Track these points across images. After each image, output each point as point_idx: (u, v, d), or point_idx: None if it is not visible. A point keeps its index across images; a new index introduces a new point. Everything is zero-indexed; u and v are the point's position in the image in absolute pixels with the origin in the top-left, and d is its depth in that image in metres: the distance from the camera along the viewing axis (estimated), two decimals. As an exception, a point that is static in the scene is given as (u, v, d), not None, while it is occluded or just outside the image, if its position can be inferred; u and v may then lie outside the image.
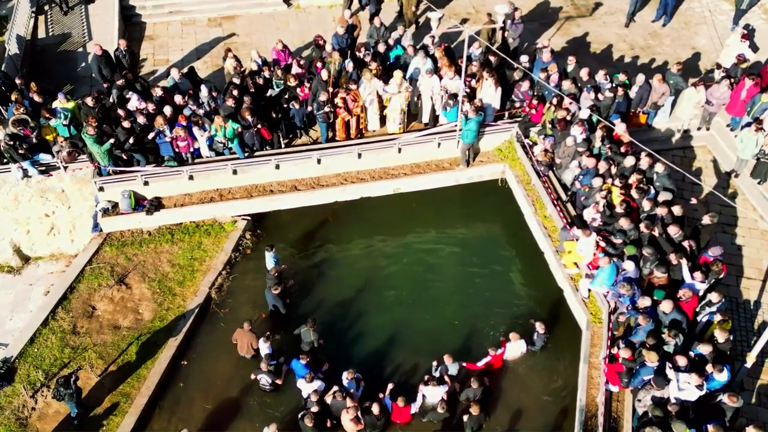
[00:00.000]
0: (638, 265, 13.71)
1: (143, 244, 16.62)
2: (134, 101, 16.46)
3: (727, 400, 11.78)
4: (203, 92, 16.80)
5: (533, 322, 14.91)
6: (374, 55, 17.61)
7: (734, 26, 20.76)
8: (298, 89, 16.92)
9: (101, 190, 16.36)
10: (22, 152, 15.97)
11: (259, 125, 16.35)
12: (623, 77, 16.93)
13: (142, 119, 16.00)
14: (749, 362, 12.76)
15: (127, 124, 15.84)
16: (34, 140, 16.11)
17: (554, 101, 16.36)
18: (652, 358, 12.14)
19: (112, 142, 15.68)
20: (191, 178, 16.61)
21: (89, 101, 16.09)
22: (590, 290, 14.48)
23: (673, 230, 13.83)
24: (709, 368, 12.14)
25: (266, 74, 17.30)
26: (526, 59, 17.40)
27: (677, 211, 14.23)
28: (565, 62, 17.56)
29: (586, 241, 14.12)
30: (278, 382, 14.16)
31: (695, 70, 19.88)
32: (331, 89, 16.89)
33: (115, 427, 13.66)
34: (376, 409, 13.17)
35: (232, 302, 15.98)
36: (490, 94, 16.99)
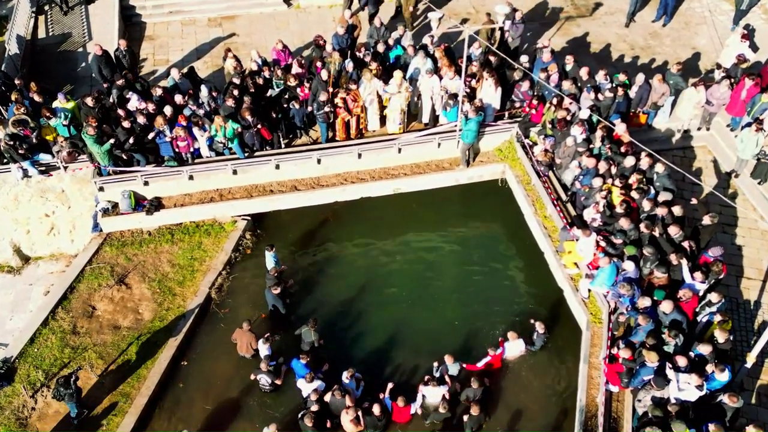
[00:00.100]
0: (638, 265, 13.71)
1: (143, 244, 16.62)
2: (134, 101, 16.46)
3: (727, 400, 11.78)
4: (203, 92, 16.81)
5: (533, 322, 14.91)
6: (374, 55, 17.62)
7: (734, 26, 20.75)
8: (298, 89, 16.92)
9: (101, 190, 16.37)
10: (22, 152, 15.98)
11: (259, 125, 16.35)
12: (623, 77, 16.92)
13: (142, 119, 16.00)
14: (749, 362, 12.76)
15: (127, 124, 15.85)
16: (34, 140, 16.11)
17: (554, 101, 16.36)
18: (652, 358, 12.14)
19: (112, 142, 15.68)
20: (191, 178, 16.61)
21: (89, 101, 16.08)
22: (590, 290, 14.48)
23: (673, 230, 13.83)
24: (710, 368, 12.14)
25: (266, 74, 17.30)
26: (526, 59, 17.41)
27: (677, 211, 14.24)
28: (564, 62, 17.55)
29: (586, 241, 14.13)
30: (278, 382, 14.16)
31: (695, 70, 19.88)
32: (331, 89, 16.90)
33: (115, 427, 13.66)
34: (377, 409, 13.17)
35: (232, 302, 15.98)
36: (490, 94, 16.99)
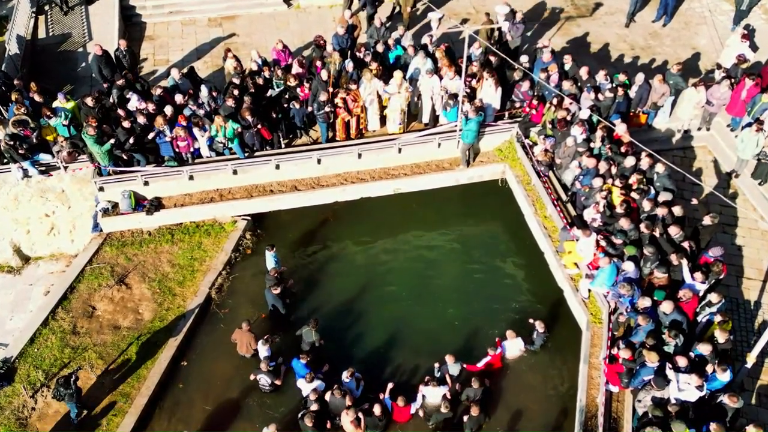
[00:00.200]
0: (638, 265, 13.71)
1: (143, 244, 16.62)
2: (134, 101, 16.46)
3: (727, 400, 11.76)
4: (203, 92, 16.80)
5: (532, 321, 14.92)
6: (374, 55, 17.61)
7: (734, 26, 20.74)
8: (298, 89, 16.92)
9: (101, 190, 16.36)
10: (22, 152, 15.98)
11: (259, 125, 16.34)
12: (623, 77, 16.92)
13: (142, 119, 16.00)
14: (749, 363, 12.75)
15: (127, 124, 15.84)
16: (34, 140, 16.11)
17: (554, 101, 16.36)
18: (652, 358, 12.13)
19: (112, 142, 15.68)
20: (191, 178, 16.61)
21: (89, 101, 16.08)
22: (590, 290, 14.48)
23: (673, 231, 13.82)
24: (710, 368, 12.14)
25: (266, 74, 17.30)
26: (526, 59, 17.41)
27: (678, 211, 14.23)
28: (563, 62, 17.53)
29: (586, 241, 14.12)
30: (277, 382, 14.15)
31: (695, 70, 19.87)
32: (331, 89, 16.90)
33: (115, 427, 13.66)
34: (377, 409, 13.17)
35: (232, 302, 15.97)
36: (490, 94, 16.99)
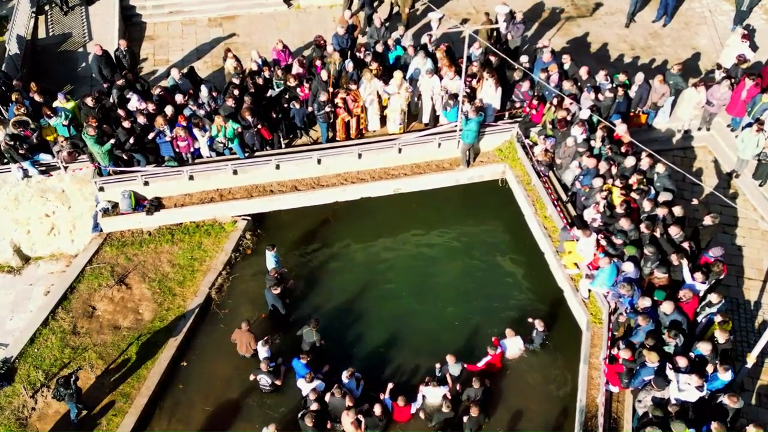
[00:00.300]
0: (638, 265, 13.70)
1: (143, 244, 16.62)
2: (134, 101, 16.46)
3: (727, 401, 11.75)
4: (203, 92, 16.80)
5: (531, 320, 14.92)
6: (374, 55, 17.61)
7: (734, 26, 20.73)
8: (298, 89, 16.92)
9: (101, 190, 16.36)
10: (22, 152, 15.97)
11: (259, 125, 16.34)
12: (623, 77, 16.92)
13: (142, 119, 16.00)
14: (749, 363, 12.75)
15: (127, 124, 15.84)
16: (34, 141, 16.11)
17: (554, 101, 16.36)
18: (652, 358, 12.12)
19: (112, 142, 15.68)
20: (191, 178, 16.61)
21: (89, 101, 16.07)
22: (590, 291, 14.47)
23: (673, 231, 13.82)
24: (711, 368, 12.14)
25: (266, 74, 17.30)
26: (526, 59, 17.41)
27: (678, 211, 14.22)
28: (562, 61, 17.51)
29: (586, 241, 14.12)
30: (277, 382, 14.15)
31: (695, 70, 19.87)
32: (331, 89, 16.89)
33: (115, 427, 13.65)
34: (378, 410, 13.17)
35: (232, 303, 15.97)
36: (490, 94, 16.98)
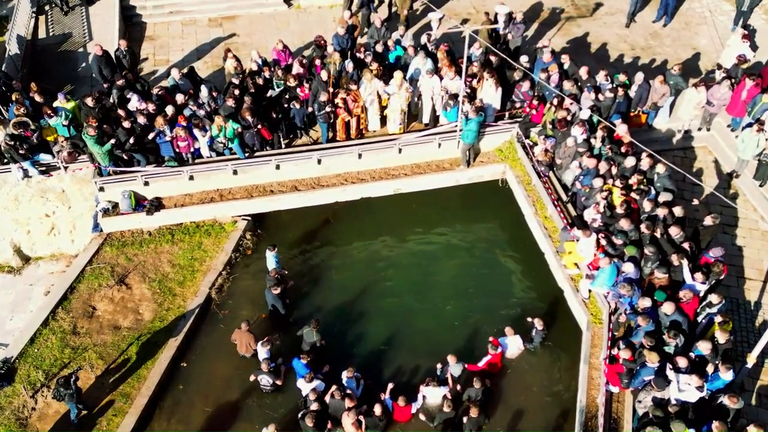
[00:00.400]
0: (638, 266, 13.70)
1: (143, 244, 16.61)
2: (134, 101, 16.46)
3: (727, 401, 11.75)
4: (203, 92, 16.80)
5: (530, 319, 14.91)
6: (374, 55, 17.61)
7: (735, 26, 20.73)
8: (298, 89, 16.92)
9: (101, 190, 16.36)
10: (22, 152, 15.97)
11: (259, 125, 16.34)
12: (623, 77, 16.91)
13: (142, 119, 16.00)
14: (750, 363, 12.74)
15: (127, 124, 15.84)
16: (34, 141, 16.11)
17: (555, 101, 16.36)
18: (653, 358, 12.12)
19: (113, 142, 15.68)
20: (191, 178, 16.60)
21: (89, 101, 16.07)
22: (591, 291, 14.47)
23: (674, 231, 13.81)
24: (711, 368, 12.14)
25: (266, 74, 17.30)
26: (526, 59, 17.41)
27: (678, 211, 14.22)
28: (561, 61, 17.50)
29: (586, 241, 14.11)
30: (278, 382, 14.15)
31: (696, 70, 19.87)
32: (331, 90, 16.89)
33: (115, 427, 13.66)
34: (378, 410, 13.16)
35: (232, 303, 15.97)
36: (490, 94, 16.98)
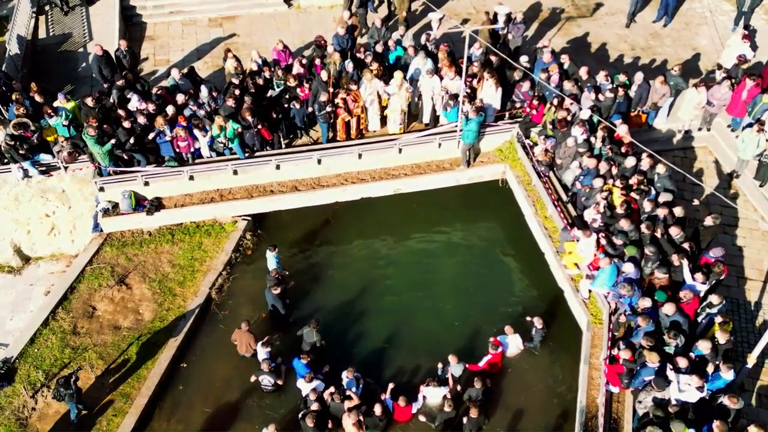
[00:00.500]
0: (638, 266, 13.69)
1: (143, 244, 16.61)
2: (134, 101, 16.46)
3: (727, 401, 11.74)
4: (203, 92, 16.80)
5: (529, 319, 14.92)
6: (375, 55, 17.61)
7: (735, 27, 20.73)
8: (298, 89, 16.92)
9: (101, 190, 16.36)
10: (22, 152, 15.97)
11: (259, 125, 16.34)
12: (623, 78, 16.91)
13: (142, 119, 16.00)
14: (750, 363, 12.74)
15: (127, 124, 15.84)
16: (34, 141, 16.11)
17: (555, 102, 16.36)
18: (653, 358, 12.12)
19: (113, 142, 15.67)
20: (192, 178, 16.60)
21: (89, 101, 16.07)
22: (591, 291, 14.47)
23: (674, 231, 13.81)
24: (711, 368, 12.14)
25: (267, 74, 17.30)
26: (526, 59, 17.41)
27: (678, 212, 14.22)
28: (561, 61, 17.49)
29: (586, 241, 14.11)
30: (279, 382, 14.15)
31: (696, 70, 19.86)
32: (331, 90, 16.89)
33: (115, 427, 13.66)
34: (378, 410, 13.16)
35: (232, 303, 15.96)
36: (490, 94, 16.98)
